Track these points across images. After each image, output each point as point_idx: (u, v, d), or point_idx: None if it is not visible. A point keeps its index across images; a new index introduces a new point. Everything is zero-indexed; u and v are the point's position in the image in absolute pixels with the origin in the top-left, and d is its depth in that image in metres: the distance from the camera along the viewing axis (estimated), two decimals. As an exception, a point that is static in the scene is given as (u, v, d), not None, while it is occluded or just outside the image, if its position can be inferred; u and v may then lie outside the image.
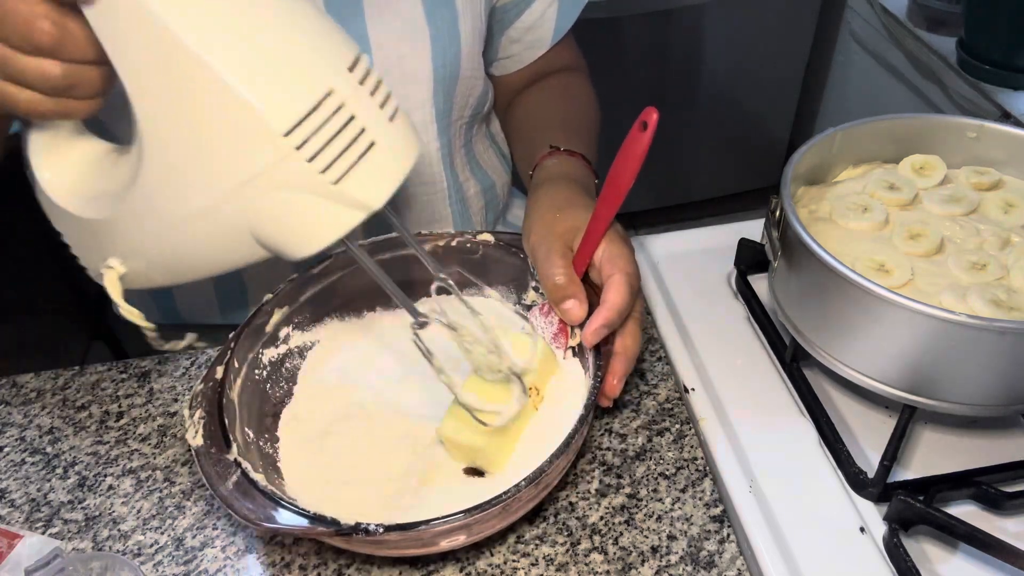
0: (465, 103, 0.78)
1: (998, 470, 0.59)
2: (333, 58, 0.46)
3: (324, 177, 0.45)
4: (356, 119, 0.46)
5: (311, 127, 0.44)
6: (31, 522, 0.62)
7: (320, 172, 0.45)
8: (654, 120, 0.52)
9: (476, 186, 0.85)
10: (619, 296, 0.57)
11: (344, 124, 0.45)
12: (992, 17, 1.32)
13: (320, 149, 0.44)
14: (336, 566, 0.57)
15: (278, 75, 0.43)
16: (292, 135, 0.43)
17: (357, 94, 0.46)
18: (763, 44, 1.97)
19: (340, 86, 0.45)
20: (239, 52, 0.42)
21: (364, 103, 0.47)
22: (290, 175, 0.44)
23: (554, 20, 0.81)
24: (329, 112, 0.44)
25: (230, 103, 0.42)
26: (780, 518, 0.57)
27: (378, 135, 0.47)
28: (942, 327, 0.52)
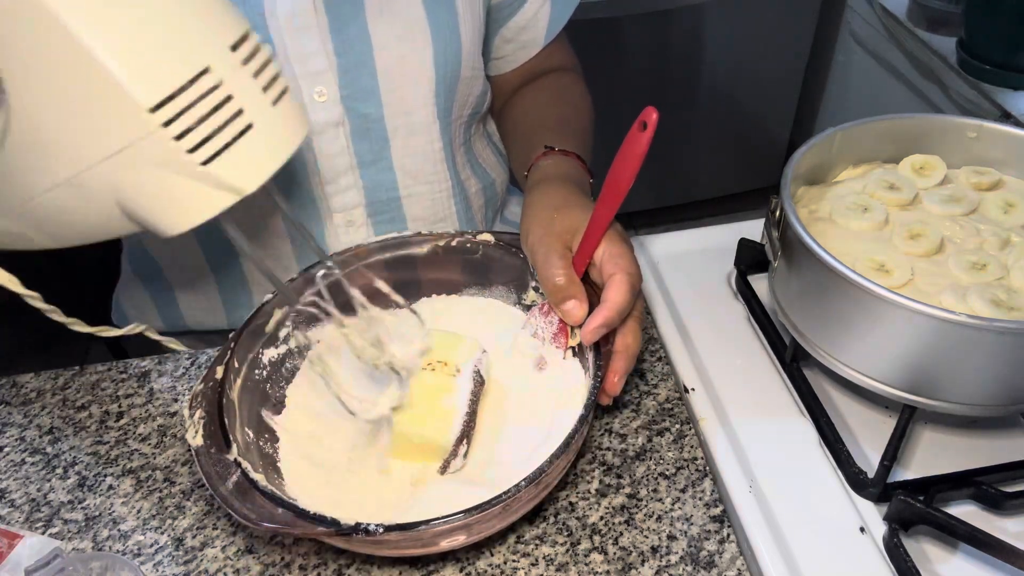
0: (465, 102, 0.78)
1: (998, 470, 0.59)
2: (213, 35, 0.45)
3: (192, 157, 0.43)
4: (233, 99, 0.44)
5: (181, 104, 0.42)
6: (31, 522, 0.62)
7: (187, 152, 0.43)
8: (654, 120, 0.52)
9: (477, 184, 0.86)
10: (619, 295, 0.57)
11: (219, 104, 0.44)
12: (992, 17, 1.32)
13: (189, 128, 0.43)
14: (336, 566, 0.57)
15: (149, 48, 0.42)
16: (159, 111, 0.42)
17: (237, 74, 0.45)
18: (763, 44, 1.97)
19: (218, 64, 0.44)
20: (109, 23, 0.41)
21: (244, 83, 0.45)
22: (156, 152, 0.43)
23: (547, 20, 0.81)
24: (203, 90, 0.43)
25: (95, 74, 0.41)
26: (780, 518, 0.57)
27: (256, 117, 0.46)
28: (942, 327, 0.52)
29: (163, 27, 0.43)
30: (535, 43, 0.82)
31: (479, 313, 0.70)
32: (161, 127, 0.42)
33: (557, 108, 0.82)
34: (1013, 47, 1.31)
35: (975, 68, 1.37)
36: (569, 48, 0.88)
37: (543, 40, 0.82)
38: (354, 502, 0.58)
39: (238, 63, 0.45)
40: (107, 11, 0.41)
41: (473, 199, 0.86)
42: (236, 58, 0.45)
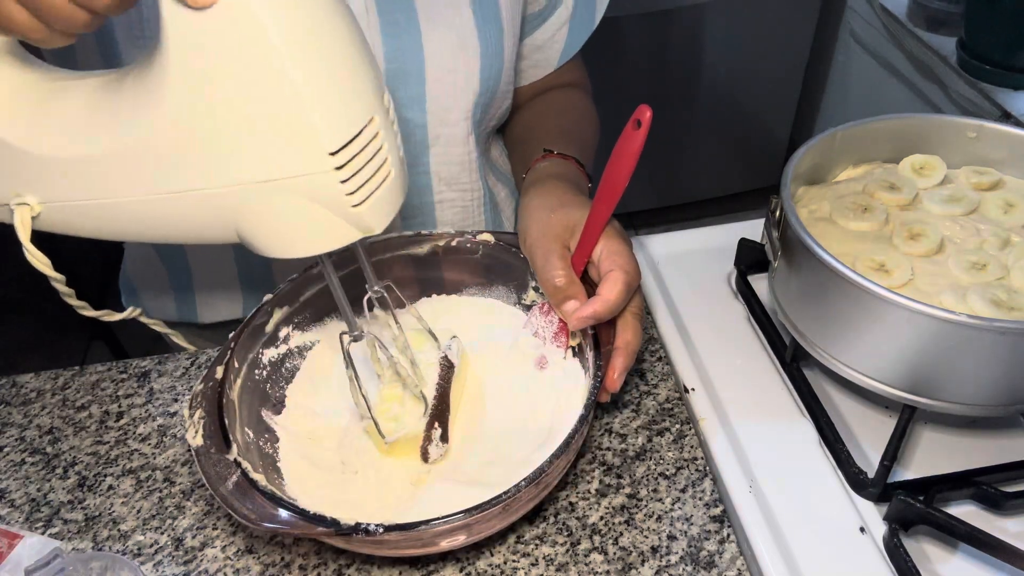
0: (494, 115, 0.80)
1: (998, 470, 0.59)
2: (377, 85, 0.47)
3: (348, 199, 0.46)
4: (383, 149, 0.47)
5: (353, 150, 0.44)
6: (31, 522, 0.62)
7: (347, 194, 0.45)
8: (648, 118, 0.52)
9: (504, 189, 0.87)
10: (613, 292, 0.57)
11: (375, 152, 0.46)
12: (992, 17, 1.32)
13: (354, 173, 0.45)
14: (336, 566, 0.57)
15: (339, 94, 0.44)
16: (337, 155, 0.44)
17: (388, 124, 0.47)
18: (763, 44, 1.97)
19: (379, 114, 0.46)
20: (315, 64, 0.42)
21: (391, 134, 0.48)
22: (318, 188, 0.45)
23: (562, 44, 0.81)
24: (368, 139, 0.45)
25: (294, 109, 0.42)
26: (780, 518, 0.57)
27: (394, 167, 0.48)
28: (942, 327, 0.52)
29: (351, 73, 0.45)
30: (548, 64, 0.83)
31: (479, 313, 0.70)
32: (334, 169, 0.44)
33: (559, 119, 0.83)
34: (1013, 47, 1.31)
35: (975, 68, 1.37)
36: (582, 67, 0.89)
37: (556, 62, 0.83)
38: (354, 502, 0.58)
39: (386, 114, 0.47)
40: (315, 54, 0.42)
41: (504, 205, 0.87)
42: (386, 108, 0.47)
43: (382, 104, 0.47)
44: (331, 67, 0.43)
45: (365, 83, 0.46)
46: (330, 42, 0.43)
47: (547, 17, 0.79)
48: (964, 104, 1.41)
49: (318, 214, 0.46)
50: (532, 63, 0.83)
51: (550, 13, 0.79)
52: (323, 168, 0.44)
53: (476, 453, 0.60)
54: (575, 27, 0.81)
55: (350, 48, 0.45)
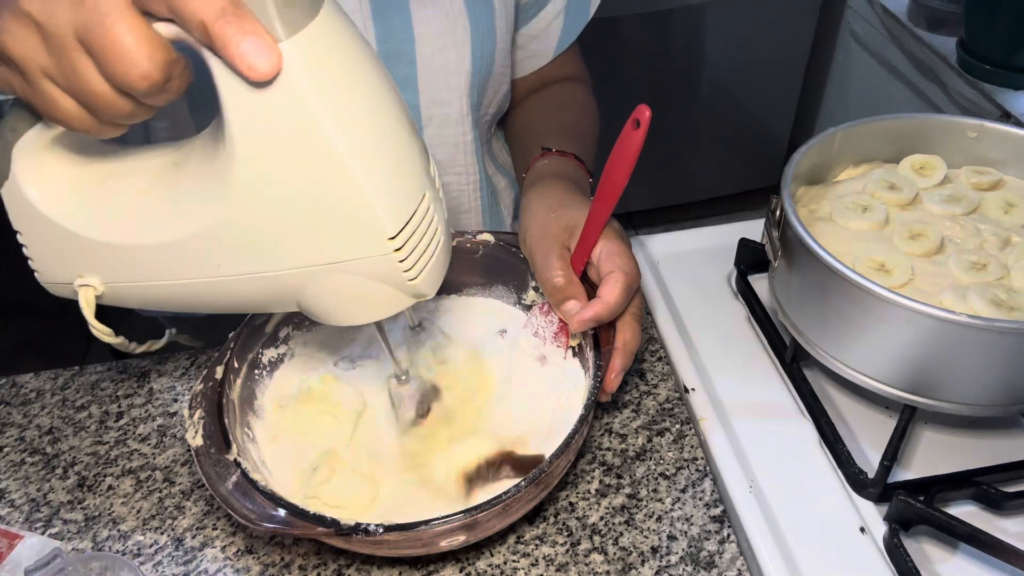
0: (492, 100, 0.79)
1: (998, 470, 0.59)
2: (424, 159, 0.48)
3: (406, 275, 0.46)
4: (435, 220, 0.47)
5: (410, 231, 0.45)
6: (31, 522, 0.62)
7: (404, 271, 0.46)
8: (647, 118, 0.52)
9: (504, 180, 0.87)
10: (613, 294, 0.57)
11: (428, 226, 0.47)
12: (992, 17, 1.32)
13: (411, 251, 0.46)
14: (336, 566, 0.57)
15: (393, 178, 0.44)
16: (396, 238, 0.44)
17: (436, 195, 0.48)
18: (763, 44, 1.97)
19: (429, 189, 0.47)
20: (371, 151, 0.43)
21: (439, 204, 0.48)
22: (378, 268, 0.46)
23: (558, 33, 0.81)
24: (422, 215, 0.46)
25: (353, 198, 0.43)
26: (780, 518, 0.57)
27: (443, 233, 0.49)
28: (942, 327, 0.52)
29: (401, 156, 0.45)
30: (545, 54, 0.83)
31: (479, 313, 0.70)
32: (394, 251, 0.45)
33: (559, 115, 0.83)
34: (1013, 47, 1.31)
35: (975, 68, 1.37)
36: (580, 61, 0.89)
37: (553, 52, 0.83)
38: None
39: (433, 185, 0.48)
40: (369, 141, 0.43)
41: (503, 194, 0.87)
42: (432, 180, 0.48)
43: (430, 176, 0.48)
44: (386, 152, 0.44)
45: (416, 161, 0.46)
46: (384, 126, 0.44)
47: (542, 6, 0.79)
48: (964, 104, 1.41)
49: (376, 289, 0.47)
50: (529, 53, 0.83)
51: (545, 2, 0.79)
52: (383, 251, 0.45)
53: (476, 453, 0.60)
54: (570, 16, 0.81)
55: (401, 128, 0.46)
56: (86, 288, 0.49)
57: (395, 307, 0.49)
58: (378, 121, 0.44)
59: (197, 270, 0.47)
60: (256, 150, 0.41)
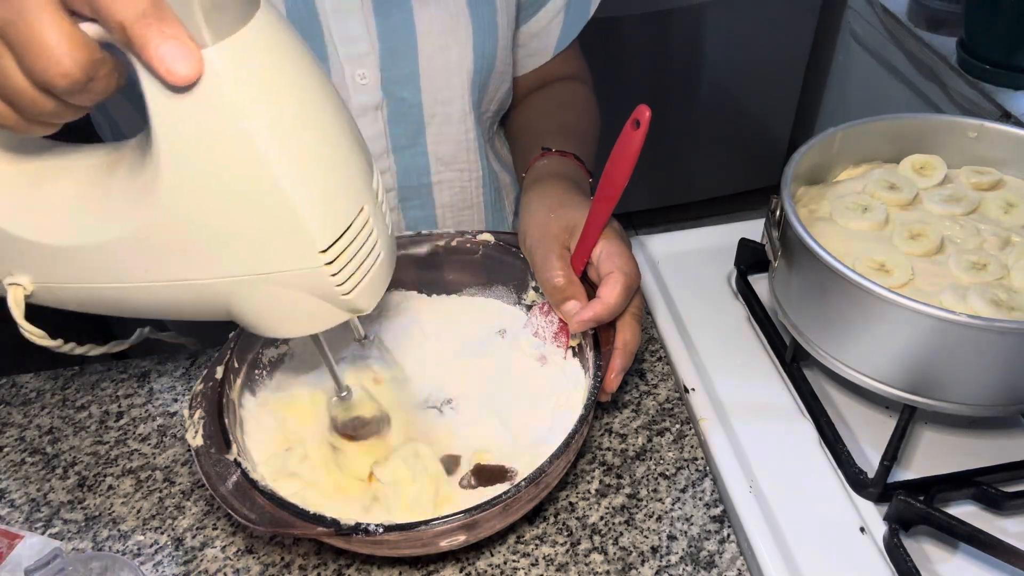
0: (494, 97, 0.79)
1: (998, 470, 0.59)
2: (366, 170, 0.46)
3: (339, 289, 0.45)
4: (373, 234, 0.46)
5: (343, 244, 0.44)
6: (31, 522, 0.62)
7: (337, 285, 0.45)
8: (647, 118, 0.52)
9: (508, 176, 0.87)
10: (613, 294, 0.57)
11: (366, 240, 0.46)
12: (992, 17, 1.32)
13: (344, 265, 0.45)
14: (336, 566, 0.57)
15: (326, 189, 0.43)
16: (328, 251, 0.43)
17: (377, 207, 0.47)
18: (763, 44, 1.97)
19: (368, 202, 0.46)
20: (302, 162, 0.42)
21: (380, 216, 0.47)
22: (309, 281, 0.45)
23: (558, 31, 0.81)
24: (358, 229, 0.45)
25: (281, 209, 0.42)
26: (780, 518, 0.57)
27: (383, 246, 0.48)
28: (942, 327, 0.52)
29: (340, 165, 0.44)
30: (545, 52, 0.83)
31: (479, 313, 0.70)
32: (325, 264, 0.44)
33: (559, 114, 0.83)
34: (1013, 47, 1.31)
35: (975, 68, 1.37)
36: (582, 59, 0.89)
37: (553, 50, 0.83)
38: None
39: (375, 197, 0.47)
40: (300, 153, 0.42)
41: (508, 191, 0.87)
42: (374, 192, 0.46)
43: (371, 189, 0.46)
44: (319, 162, 0.43)
45: (354, 172, 0.45)
46: (319, 135, 0.43)
47: (543, 4, 0.79)
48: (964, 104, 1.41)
49: (308, 301, 0.46)
50: (529, 51, 0.83)
51: (546, 0, 0.79)
52: (313, 264, 0.44)
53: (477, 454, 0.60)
54: (571, 14, 0.81)
55: (340, 138, 0.44)
56: (15, 287, 0.48)
57: (330, 321, 0.48)
58: (314, 129, 0.42)
59: (126, 274, 0.46)
60: (180, 156, 0.40)
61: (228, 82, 0.38)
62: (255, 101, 0.39)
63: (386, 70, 0.70)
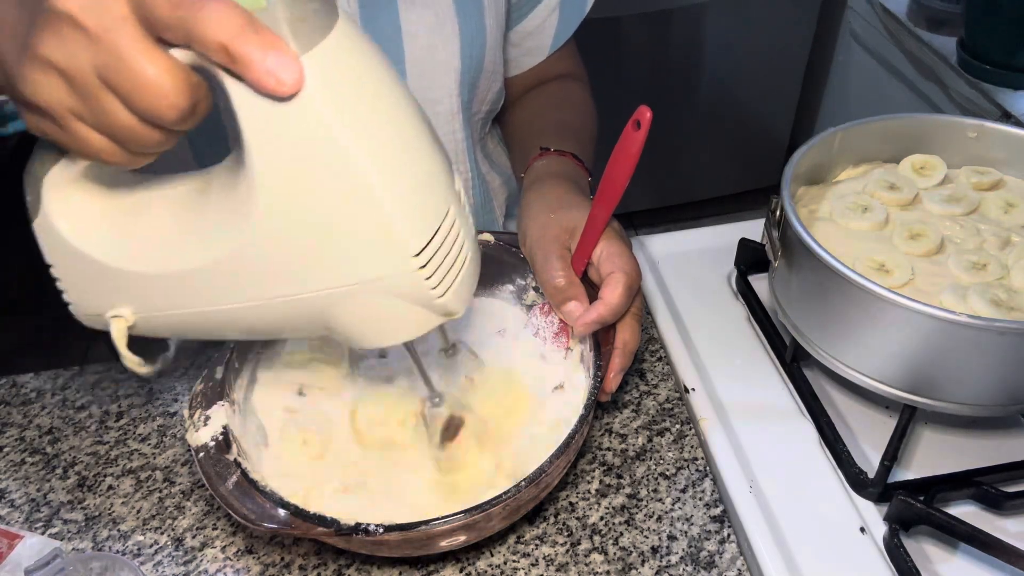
0: (484, 98, 0.79)
1: (998, 470, 0.59)
2: (448, 172, 0.47)
3: (433, 292, 0.46)
4: (460, 235, 0.47)
5: (434, 247, 0.45)
6: (31, 522, 0.62)
7: (431, 288, 0.45)
8: (647, 119, 0.52)
9: (498, 178, 0.87)
10: (615, 295, 0.57)
11: (454, 242, 0.46)
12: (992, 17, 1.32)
13: (436, 268, 0.45)
14: (336, 566, 0.57)
15: (416, 193, 0.44)
16: (421, 255, 0.44)
17: (461, 210, 0.47)
18: (763, 44, 1.97)
19: (454, 204, 0.46)
20: (391, 170, 0.42)
21: (465, 218, 0.48)
22: (404, 286, 0.45)
23: (553, 30, 0.81)
24: (446, 231, 0.45)
25: (375, 216, 0.42)
26: (780, 518, 0.57)
27: (470, 248, 0.49)
28: (942, 327, 0.52)
29: (426, 169, 0.45)
30: (540, 51, 0.83)
31: (479, 313, 0.70)
32: (418, 268, 0.44)
33: (557, 113, 0.83)
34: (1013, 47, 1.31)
35: (975, 68, 1.37)
36: (577, 57, 0.89)
37: (548, 49, 0.83)
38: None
39: (458, 199, 0.47)
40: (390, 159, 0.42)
41: (497, 192, 0.87)
42: (457, 194, 0.47)
43: (454, 190, 0.47)
44: (407, 166, 0.43)
45: (439, 175, 0.46)
46: (405, 140, 0.44)
47: (536, 3, 0.79)
48: (964, 104, 1.41)
49: (404, 308, 0.47)
50: (524, 51, 0.83)
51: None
52: (408, 269, 0.44)
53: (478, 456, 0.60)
54: (565, 13, 0.81)
55: (423, 142, 0.45)
56: (118, 319, 0.49)
57: (424, 326, 0.49)
58: (399, 135, 0.43)
59: (224, 296, 0.47)
60: (276, 171, 0.41)
61: (318, 92, 0.39)
62: (345, 110, 0.40)
63: None
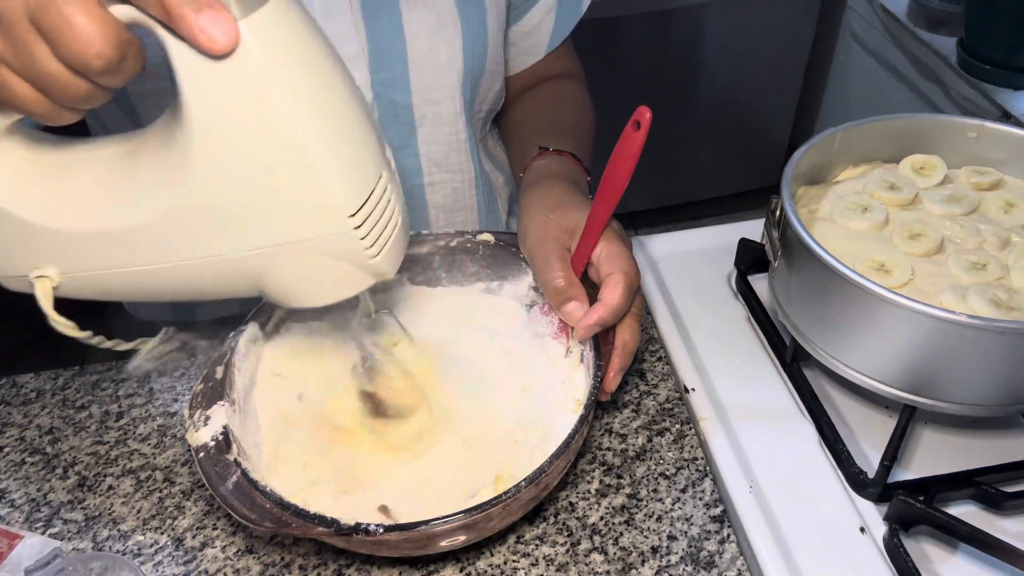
0: (486, 97, 0.79)
1: (998, 470, 0.59)
2: (379, 139, 0.48)
3: (367, 252, 0.47)
4: (392, 199, 0.48)
5: (369, 208, 0.46)
6: (31, 522, 0.62)
7: (365, 248, 0.47)
8: (647, 119, 0.52)
9: (501, 176, 0.87)
10: (615, 296, 0.57)
11: (387, 204, 0.48)
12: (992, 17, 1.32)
13: (371, 228, 0.46)
14: (336, 566, 0.57)
15: (351, 156, 0.45)
16: (356, 215, 0.45)
17: (392, 175, 0.49)
18: (763, 44, 1.97)
19: (386, 169, 0.48)
20: (327, 132, 0.43)
21: (396, 183, 0.49)
22: (338, 246, 0.46)
23: (550, 29, 0.81)
24: (380, 194, 0.47)
25: (312, 176, 0.43)
26: (780, 518, 0.57)
27: (400, 211, 0.50)
28: (942, 327, 0.52)
29: (360, 134, 0.46)
30: (537, 50, 0.83)
31: (479, 313, 0.70)
32: (353, 228, 0.46)
33: (555, 112, 0.83)
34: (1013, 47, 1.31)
35: (975, 68, 1.37)
36: (574, 56, 0.89)
37: (545, 49, 0.83)
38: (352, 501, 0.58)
39: (389, 165, 0.49)
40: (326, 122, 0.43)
41: (500, 191, 0.87)
42: (388, 161, 0.49)
43: (385, 157, 0.49)
44: (343, 130, 0.45)
45: (371, 141, 0.47)
46: (339, 105, 0.45)
47: (534, 2, 0.79)
48: (964, 104, 1.41)
49: (337, 267, 0.48)
50: (521, 50, 0.83)
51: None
52: (343, 229, 0.46)
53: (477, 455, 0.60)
54: (563, 12, 0.81)
55: (356, 108, 0.46)
56: (43, 279, 0.49)
57: (357, 287, 0.50)
58: (334, 100, 0.44)
59: (156, 255, 0.47)
60: (214, 128, 0.42)
61: (257, 53, 0.40)
62: (283, 72, 0.41)
63: (376, 72, 0.70)
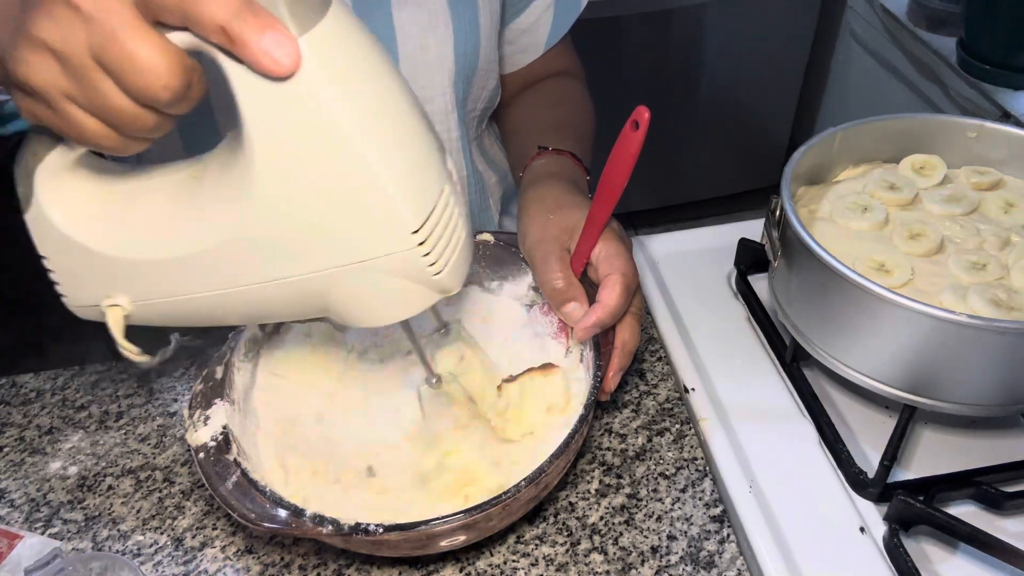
0: (479, 96, 0.79)
1: (998, 470, 0.59)
2: (441, 152, 0.48)
3: (431, 269, 0.46)
4: (455, 214, 0.48)
5: (432, 224, 0.45)
6: (31, 522, 0.62)
7: (429, 265, 0.46)
8: (646, 119, 0.52)
9: (494, 176, 0.87)
10: (613, 297, 0.57)
11: (450, 219, 0.47)
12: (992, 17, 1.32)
13: (434, 245, 0.46)
14: (336, 566, 0.57)
15: (413, 171, 0.44)
16: (419, 232, 0.44)
17: (454, 189, 0.48)
18: (763, 44, 1.97)
19: (447, 183, 0.47)
20: (390, 148, 0.43)
21: (457, 195, 0.49)
22: (403, 264, 0.46)
23: (548, 27, 0.81)
24: (443, 209, 0.46)
25: (375, 194, 0.43)
26: (780, 518, 0.57)
27: (465, 226, 0.49)
28: (942, 327, 0.52)
29: (421, 148, 0.45)
30: (535, 48, 0.83)
31: (479, 313, 0.70)
32: (417, 245, 0.45)
33: (554, 111, 0.83)
34: (1013, 47, 1.31)
35: (975, 68, 1.37)
36: (573, 54, 0.89)
37: (543, 47, 0.83)
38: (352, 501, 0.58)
39: (451, 179, 0.48)
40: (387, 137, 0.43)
41: (493, 190, 0.87)
42: (449, 174, 0.48)
43: (446, 170, 0.48)
44: (404, 145, 0.44)
45: (433, 154, 0.47)
46: (400, 120, 0.44)
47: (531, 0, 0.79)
48: (964, 104, 1.41)
49: (402, 286, 0.47)
50: (519, 48, 0.82)
51: None
52: (407, 246, 0.45)
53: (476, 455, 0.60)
54: (561, 9, 0.81)
55: (417, 123, 0.46)
56: (114, 309, 0.49)
57: (421, 304, 0.49)
58: (394, 115, 0.44)
59: (221, 280, 0.47)
60: (275, 151, 0.41)
61: (316, 72, 0.39)
62: (342, 89, 0.41)
63: None
